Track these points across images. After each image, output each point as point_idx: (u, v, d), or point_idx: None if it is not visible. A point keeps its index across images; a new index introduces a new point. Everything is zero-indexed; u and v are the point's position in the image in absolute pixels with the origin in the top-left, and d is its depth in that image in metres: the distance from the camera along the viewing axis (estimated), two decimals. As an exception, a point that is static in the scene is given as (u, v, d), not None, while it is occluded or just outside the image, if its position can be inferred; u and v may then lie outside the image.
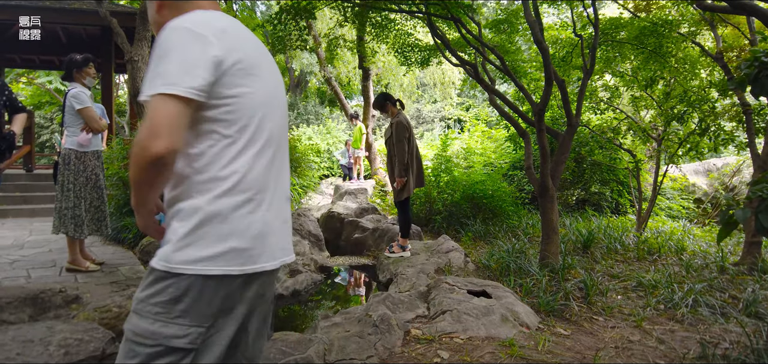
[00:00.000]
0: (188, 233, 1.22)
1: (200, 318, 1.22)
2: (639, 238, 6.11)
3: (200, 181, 1.25)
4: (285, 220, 1.47)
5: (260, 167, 1.32)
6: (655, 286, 4.21)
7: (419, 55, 7.06)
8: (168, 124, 1.17)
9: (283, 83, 1.63)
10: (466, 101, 26.50)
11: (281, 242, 1.41)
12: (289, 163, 5.26)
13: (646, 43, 5.81)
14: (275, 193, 1.39)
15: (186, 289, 1.20)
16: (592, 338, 3.15)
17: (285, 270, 5.05)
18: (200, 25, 1.24)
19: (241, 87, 1.28)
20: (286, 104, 1.55)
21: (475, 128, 12.45)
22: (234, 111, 1.27)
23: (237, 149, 1.28)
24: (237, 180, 1.27)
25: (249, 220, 1.28)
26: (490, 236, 6.69)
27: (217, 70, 1.22)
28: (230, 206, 1.25)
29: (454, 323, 3.14)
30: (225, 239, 1.24)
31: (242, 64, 1.28)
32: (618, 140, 7.56)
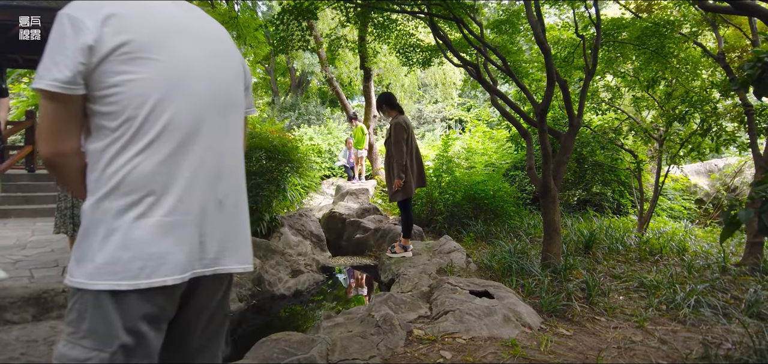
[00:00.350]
0: (79, 241, 1.14)
1: (102, 340, 1.10)
2: (641, 238, 6.12)
3: (90, 182, 1.15)
4: (222, 224, 1.28)
5: (152, 164, 1.15)
6: (657, 286, 4.22)
7: (421, 55, 7.07)
8: (47, 126, 1.11)
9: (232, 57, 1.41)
10: (467, 102, 26.50)
11: (207, 250, 1.24)
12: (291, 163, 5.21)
13: (647, 43, 5.81)
14: (191, 192, 1.20)
15: (86, 306, 1.10)
16: (595, 339, 3.15)
17: (287, 270, 5.07)
18: (80, 10, 1.12)
19: (124, 74, 1.13)
20: (226, 83, 1.35)
21: (476, 129, 12.45)
22: (117, 102, 1.13)
23: (120, 145, 1.13)
24: (118, 181, 1.12)
25: (138, 227, 1.12)
26: (491, 236, 6.69)
27: (89, 58, 1.10)
28: (113, 211, 1.11)
29: (456, 323, 3.14)
30: (110, 249, 1.10)
31: (129, 47, 1.13)
32: (619, 141, 7.57)
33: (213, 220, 1.26)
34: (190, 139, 1.21)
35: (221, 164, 1.30)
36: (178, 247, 1.17)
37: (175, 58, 1.21)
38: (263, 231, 6.01)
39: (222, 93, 1.32)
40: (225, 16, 10.12)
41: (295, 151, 6.50)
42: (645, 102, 7.13)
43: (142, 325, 1.13)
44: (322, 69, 13.94)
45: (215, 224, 1.26)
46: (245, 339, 3.62)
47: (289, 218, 6.64)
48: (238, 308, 4.18)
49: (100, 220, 1.11)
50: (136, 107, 1.13)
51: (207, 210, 1.24)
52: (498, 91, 5.18)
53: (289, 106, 21.86)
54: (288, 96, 24.33)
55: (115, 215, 1.11)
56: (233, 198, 1.33)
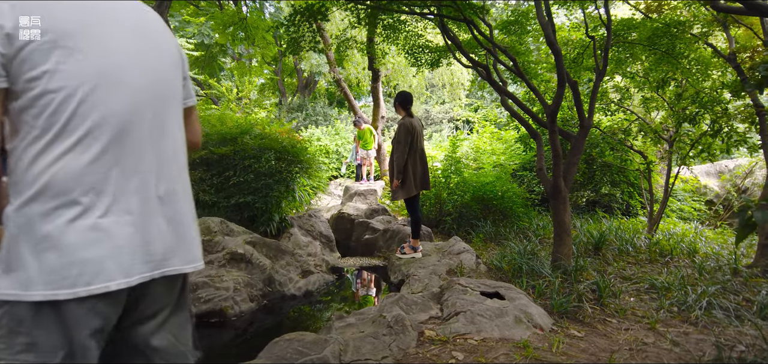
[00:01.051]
0: (5, 249, 1.06)
1: (43, 354, 1.03)
2: (650, 240, 6.09)
3: (12, 185, 1.07)
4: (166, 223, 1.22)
5: (82, 163, 1.07)
6: (668, 288, 4.20)
7: (430, 56, 7.08)
8: None
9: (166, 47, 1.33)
10: (475, 102, 26.46)
11: (153, 251, 1.17)
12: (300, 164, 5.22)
13: (658, 44, 5.79)
14: (127, 191, 1.13)
15: (20, 319, 1.02)
16: (606, 340, 3.15)
17: (297, 271, 5.10)
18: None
19: (46, 65, 1.04)
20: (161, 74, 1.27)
21: (484, 129, 12.44)
22: (40, 96, 1.04)
23: (44, 143, 1.05)
24: (45, 182, 1.04)
25: (71, 230, 1.05)
26: (500, 237, 6.69)
27: (7, 47, 1.02)
28: (41, 216, 1.03)
29: (467, 324, 3.15)
30: (43, 257, 1.02)
31: (49, 36, 1.04)
32: (629, 142, 7.54)
33: (156, 219, 1.19)
34: (122, 135, 1.14)
35: (160, 160, 1.23)
36: (119, 250, 1.10)
37: (103, 48, 1.13)
38: (273, 231, 6.05)
39: (157, 85, 1.24)
40: (234, 17, 10.19)
41: (304, 152, 6.54)
42: (655, 103, 7.10)
43: (83, 334, 1.06)
44: (331, 70, 13.98)
45: (159, 224, 1.20)
46: (257, 339, 3.64)
47: (298, 219, 6.67)
48: (249, 308, 4.21)
49: (28, 225, 1.03)
50: (62, 102, 1.05)
51: (147, 209, 1.17)
52: (508, 92, 5.18)
53: (296, 107, 21.94)
54: (295, 97, 24.41)
55: (44, 219, 1.03)
56: (176, 195, 1.26)
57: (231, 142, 6.06)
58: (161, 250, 1.19)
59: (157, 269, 1.18)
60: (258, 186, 5.97)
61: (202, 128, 5.42)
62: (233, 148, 5.99)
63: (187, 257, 1.28)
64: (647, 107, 7.27)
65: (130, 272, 1.12)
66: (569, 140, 4.95)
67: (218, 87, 20.38)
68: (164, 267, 1.20)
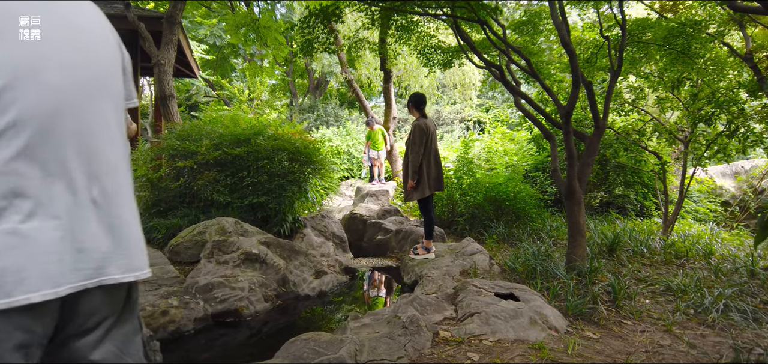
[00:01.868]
0: None
1: None
2: (665, 241, 6.04)
3: None
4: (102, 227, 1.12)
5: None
6: (684, 290, 4.17)
7: (442, 56, 7.08)
8: None
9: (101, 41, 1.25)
10: (486, 103, 26.39)
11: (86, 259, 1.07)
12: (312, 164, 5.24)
13: (673, 43, 5.74)
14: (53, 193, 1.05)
15: None
16: (622, 342, 3.14)
17: (311, 271, 5.13)
18: None
19: None
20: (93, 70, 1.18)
21: (496, 129, 12.41)
22: None
23: None
24: None
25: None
26: (513, 238, 6.67)
27: None
28: None
29: (482, 325, 3.15)
30: None
31: None
32: (643, 142, 7.48)
33: (88, 224, 1.09)
34: (46, 133, 1.04)
35: (93, 160, 1.13)
36: (44, 258, 1.00)
37: (23, 41, 1.04)
38: (286, 232, 6.08)
39: (89, 80, 1.16)
40: (246, 18, 10.26)
41: (317, 153, 6.57)
42: (669, 103, 7.04)
43: (4, 349, 0.97)
44: (343, 71, 14.03)
45: (93, 229, 1.10)
46: (272, 339, 3.67)
47: (311, 219, 6.70)
48: (264, 307, 4.24)
49: None
50: None
51: (78, 213, 1.08)
52: (522, 92, 5.17)
53: (307, 107, 22.03)
54: (306, 98, 24.51)
55: None
56: (113, 197, 1.17)
57: (244, 143, 6.10)
58: (96, 257, 1.09)
59: (90, 279, 1.08)
60: (271, 187, 6.01)
61: (215, 129, 5.42)
62: (247, 149, 6.04)
63: (128, 265, 1.17)
64: (662, 107, 7.21)
65: (59, 282, 1.02)
66: (583, 141, 4.93)
67: (230, 88, 20.52)
68: (100, 276, 1.10)
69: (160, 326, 3.52)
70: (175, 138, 6.31)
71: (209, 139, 6.18)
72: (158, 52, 7.96)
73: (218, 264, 4.59)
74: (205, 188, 6.09)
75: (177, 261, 5.14)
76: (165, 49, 8.00)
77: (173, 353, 3.39)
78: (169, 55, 8.03)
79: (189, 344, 3.55)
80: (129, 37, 10.07)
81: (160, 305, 3.64)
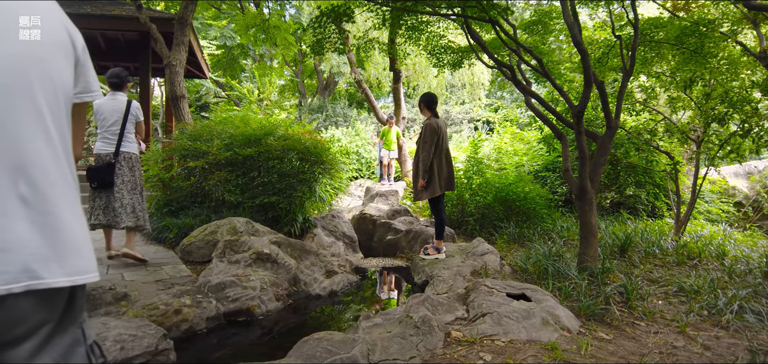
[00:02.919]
0: None
1: None
2: (678, 242, 5.99)
3: None
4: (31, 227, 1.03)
5: None
6: (697, 291, 4.14)
7: (452, 57, 7.06)
8: None
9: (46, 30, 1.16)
10: (495, 103, 26.30)
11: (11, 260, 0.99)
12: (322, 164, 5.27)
13: (685, 43, 5.69)
14: None
15: None
16: (635, 344, 3.12)
17: (322, 271, 5.14)
18: None
19: None
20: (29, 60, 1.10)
21: (505, 130, 12.37)
22: None
23: None
24: None
25: None
26: (524, 238, 6.64)
27: None
28: None
29: (494, 325, 3.15)
30: None
31: None
32: (655, 142, 7.42)
33: (15, 223, 1.01)
34: None
35: (22, 154, 1.05)
36: None
37: None
38: (297, 232, 6.11)
39: (21, 71, 1.08)
40: (255, 18, 10.31)
41: (327, 153, 6.59)
42: (681, 102, 6.98)
43: None
44: (352, 71, 14.05)
45: (20, 227, 1.01)
46: (284, 338, 3.69)
47: (321, 219, 6.72)
48: (276, 307, 4.26)
49: None
50: None
51: (4, 210, 1.00)
52: (533, 92, 5.15)
53: (316, 108, 22.09)
54: (315, 98, 24.57)
55: None
56: (47, 196, 1.08)
57: (255, 144, 6.14)
58: (21, 259, 1.00)
59: (17, 282, 0.98)
60: (282, 187, 6.04)
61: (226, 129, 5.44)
62: (257, 149, 6.07)
63: (67, 267, 1.07)
64: (674, 107, 7.15)
65: None
66: (595, 140, 4.90)
67: (240, 88, 20.61)
68: (30, 280, 1.00)
69: (173, 325, 3.54)
70: (187, 138, 6.36)
71: (220, 139, 6.23)
72: (170, 54, 8.02)
73: (230, 263, 4.62)
74: (217, 188, 6.14)
75: (189, 260, 5.18)
76: (176, 51, 8.06)
77: (186, 352, 3.41)
78: (181, 56, 8.09)
79: (202, 343, 3.57)
80: (140, 39, 10.18)
81: (173, 304, 3.67)
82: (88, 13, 9.40)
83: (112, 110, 4.61)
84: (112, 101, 4.64)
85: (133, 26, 9.24)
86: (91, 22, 9.40)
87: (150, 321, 3.28)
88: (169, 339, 2.95)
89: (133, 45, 10.85)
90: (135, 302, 3.68)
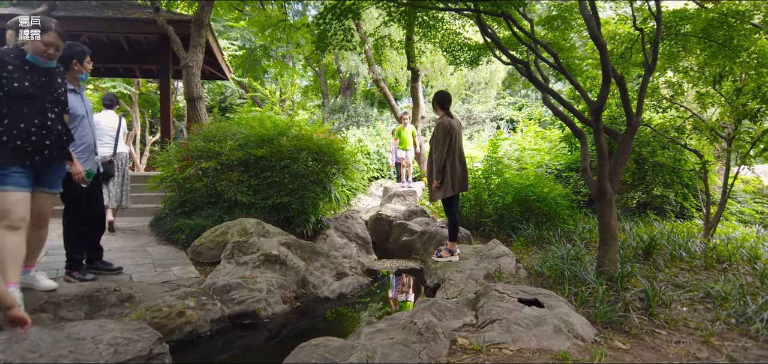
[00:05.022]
0: None
1: None
2: (707, 245, 5.70)
3: None
4: None
5: None
6: (725, 297, 3.89)
7: (468, 54, 6.89)
8: None
9: None
10: (519, 101, 25.88)
11: None
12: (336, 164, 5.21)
13: (714, 36, 5.41)
14: None
15: None
16: (654, 354, 2.92)
17: (332, 273, 5.05)
18: None
19: None
20: None
21: (528, 128, 12.10)
22: None
23: None
24: None
25: None
26: (543, 240, 6.43)
27: None
28: None
29: (503, 333, 2.99)
30: None
31: None
32: (682, 140, 7.10)
33: None
34: None
35: None
36: None
37: None
38: (309, 233, 6.03)
39: None
40: (272, 19, 10.31)
41: (340, 152, 6.50)
42: (710, 98, 6.66)
43: None
44: (369, 69, 13.96)
45: None
46: (288, 342, 3.60)
47: (335, 220, 6.64)
48: (282, 310, 4.19)
49: None
50: None
51: None
52: (550, 89, 4.95)
53: (338, 108, 22.07)
54: (338, 98, 24.57)
55: None
56: None
57: (268, 144, 6.09)
58: None
59: None
60: (294, 187, 5.98)
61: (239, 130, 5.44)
62: (270, 149, 6.02)
63: None
64: (702, 103, 6.83)
65: None
66: (615, 139, 4.68)
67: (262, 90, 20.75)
68: None
69: (175, 328, 3.50)
70: (201, 139, 6.36)
71: (234, 139, 6.20)
72: (186, 55, 8.06)
73: (238, 265, 4.56)
74: (229, 189, 6.11)
75: (199, 262, 5.15)
76: (193, 52, 8.09)
77: (189, 354, 3.36)
78: (197, 57, 8.11)
79: (205, 346, 3.52)
80: (161, 41, 10.30)
81: (177, 306, 3.62)
82: (109, 17, 9.56)
83: (107, 125, 6.15)
84: (107, 117, 6.21)
85: (152, 29, 9.35)
86: (112, 25, 9.56)
87: (150, 324, 3.23)
88: (165, 343, 2.88)
89: (155, 47, 11.01)
90: (139, 304, 3.65)
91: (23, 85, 3.10)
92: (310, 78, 28.89)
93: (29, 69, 3.17)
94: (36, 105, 3.17)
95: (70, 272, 4.02)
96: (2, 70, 3.05)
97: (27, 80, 3.13)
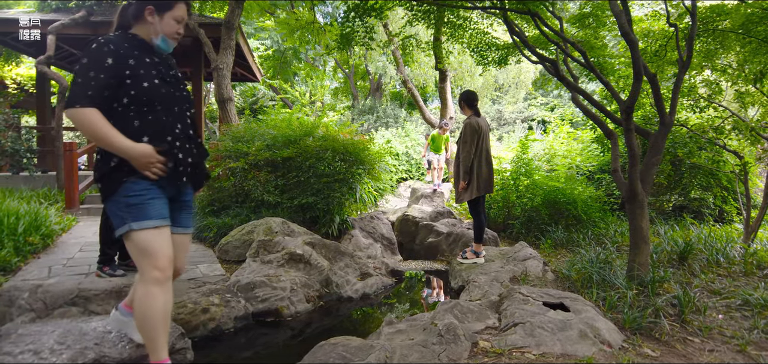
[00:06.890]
0: None
1: None
2: (746, 250, 5.45)
3: None
4: None
5: None
6: (765, 305, 3.70)
7: (496, 54, 6.79)
8: None
9: None
10: (551, 101, 25.42)
11: None
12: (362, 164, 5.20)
13: (754, 31, 5.17)
14: None
15: None
16: (685, 362, 2.80)
17: (356, 273, 5.05)
18: None
19: None
20: None
21: (559, 129, 11.86)
22: None
23: None
24: None
25: None
26: (572, 243, 6.28)
27: None
28: None
29: (526, 336, 2.92)
30: None
31: None
32: (721, 141, 6.82)
33: None
34: None
35: None
36: None
37: None
38: (334, 233, 6.05)
39: None
40: (301, 21, 10.41)
41: (365, 152, 6.49)
42: (751, 98, 6.37)
43: None
44: (398, 70, 13.94)
45: None
46: (310, 340, 3.60)
47: (360, 220, 6.64)
48: (305, 308, 4.20)
49: None
50: None
51: None
52: (579, 88, 4.83)
53: (368, 109, 22.14)
54: (367, 100, 24.65)
55: None
56: None
57: (294, 144, 6.13)
58: None
59: None
60: (319, 187, 6.00)
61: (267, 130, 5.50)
62: (295, 150, 6.06)
63: None
64: (743, 102, 6.54)
65: None
66: (649, 139, 4.53)
67: (292, 91, 20.97)
68: None
69: (200, 324, 3.55)
70: (229, 139, 6.46)
71: (261, 140, 6.27)
72: (217, 57, 8.21)
73: (263, 263, 4.60)
74: (256, 188, 6.18)
75: (225, 260, 5.22)
76: (223, 54, 8.23)
77: (213, 351, 3.40)
78: (227, 59, 8.25)
79: (229, 342, 3.55)
80: (193, 44, 10.51)
81: (202, 303, 3.68)
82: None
83: None
84: None
85: (185, 32, 9.50)
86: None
87: (175, 320, 3.29)
88: (187, 338, 2.93)
89: (189, 50, 11.24)
90: (165, 300, 3.71)
91: (153, 84, 2.25)
92: (340, 80, 29.07)
93: (151, 59, 2.30)
94: (171, 108, 2.34)
95: (102, 267, 4.13)
96: (123, 66, 2.18)
97: (156, 76, 2.29)
